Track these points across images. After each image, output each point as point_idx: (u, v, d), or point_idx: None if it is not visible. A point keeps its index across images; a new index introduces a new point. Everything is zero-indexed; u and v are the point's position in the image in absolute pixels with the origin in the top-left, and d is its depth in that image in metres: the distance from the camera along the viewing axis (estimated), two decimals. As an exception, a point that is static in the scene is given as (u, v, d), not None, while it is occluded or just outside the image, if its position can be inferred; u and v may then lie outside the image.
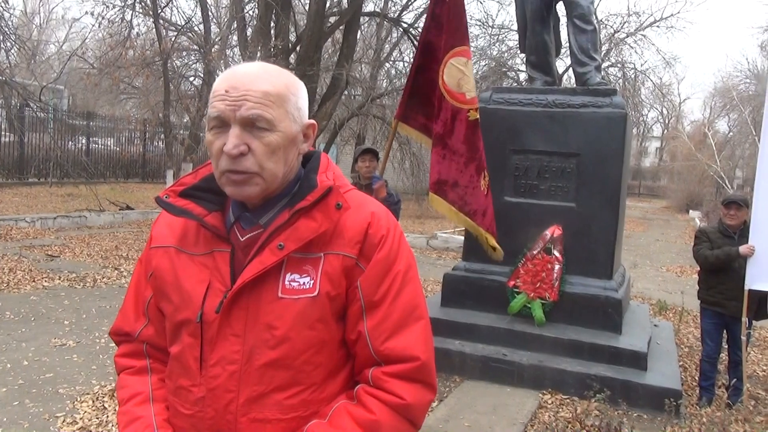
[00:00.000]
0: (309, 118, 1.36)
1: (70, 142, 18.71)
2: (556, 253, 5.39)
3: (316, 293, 1.27)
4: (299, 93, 1.31)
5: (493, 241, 4.94)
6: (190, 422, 1.31)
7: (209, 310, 1.29)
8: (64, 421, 4.03)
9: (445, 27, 4.78)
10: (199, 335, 1.30)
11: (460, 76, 4.74)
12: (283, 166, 1.28)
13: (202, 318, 1.29)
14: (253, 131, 1.23)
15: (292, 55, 13.74)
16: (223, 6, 17.83)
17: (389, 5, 17.43)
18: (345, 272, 1.29)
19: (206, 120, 1.29)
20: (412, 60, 16.91)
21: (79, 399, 4.38)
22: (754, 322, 5.24)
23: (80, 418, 4.07)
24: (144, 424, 1.34)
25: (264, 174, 1.25)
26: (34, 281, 7.65)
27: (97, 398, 4.40)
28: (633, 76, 22.99)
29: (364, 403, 1.28)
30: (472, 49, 6.42)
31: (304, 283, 1.27)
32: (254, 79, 1.25)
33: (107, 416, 4.09)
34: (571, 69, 7.81)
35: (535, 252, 5.45)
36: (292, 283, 1.27)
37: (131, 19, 13.16)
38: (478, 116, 4.79)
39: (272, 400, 1.27)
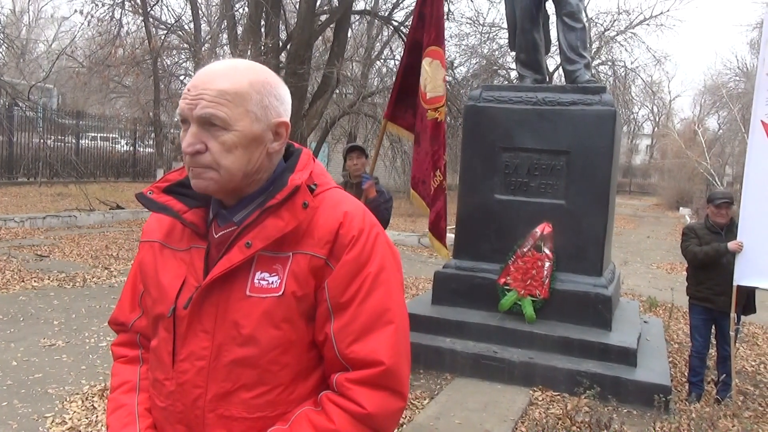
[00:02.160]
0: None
1: (60, 142, 18.55)
2: (546, 251, 5.40)
3: (281, 293, 1.26)
4: (266, 91, 1.28)
5: (434, 242, 5.10)
6: (163, 415, 1.34)
7: (181, 305, 1.30)
8: (53, 421, 4.01)
9: (425, 27, 4.90)
10: (172, 330, 1.31)
11: (426, 76, 4.89)
12: (244, 164, 1.27)
13: (175, 313, 1.31)
14: (210, 130, 1.24)
15: (282, 54, 13.71)
16: (213, 4, 17.79)
17: (380, 3, 17.43)
18: (313, 272, 1.27)
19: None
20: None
21: (68, 399, 4.36)
22: (742, 317, 5.28)
23: (69, 419, 4.05)
24: (127, 412, 1.39)
25: (220, 171, 1.25)
26: (23, 281, 7.61)
27: (86, 398, 4.38)
28: (623, 74, 23.05)
29: (326, 411, 1.26)
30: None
31: (272, 282, 1.26)
32: (213, 78, 1.25)
33: (96, 416, 4.07)
34: (561, 67, 7.84)
35: (525, 249, 5.46)
36: (261, 281, 1.27)
37: (121, 18, 13.10)
38: (437, 116, 4.92)
39: (238, 398, 1.27)
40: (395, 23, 16.23)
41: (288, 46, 13.77)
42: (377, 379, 1.26)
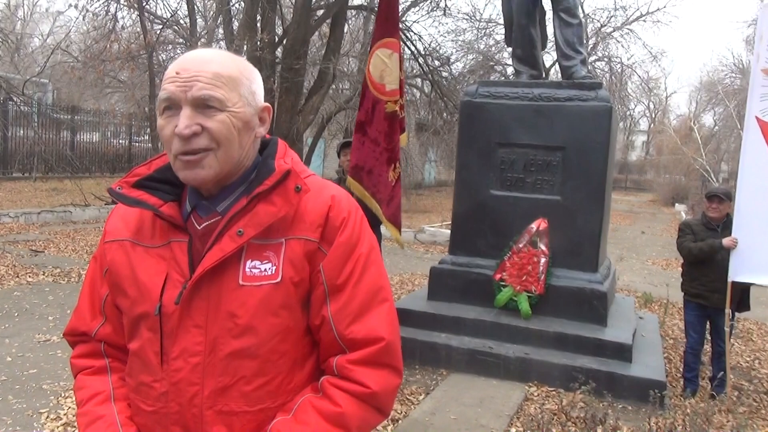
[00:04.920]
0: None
1: (54, 136, 18.45)
2: (542, 246, 5.40)
3: (279, 279, 1.24)
4: (252, 77, 1.30)
5: (394, 232, 5.10)
6: (154, 419, 1.29)
7: (168, 302, 1.25)
8: (47, 417, 4.00)
9: (378, 17, 4.89)
10: (159, 329, 1.27)
11: (383, 67, 4.87)
12: (237, 148, 1.25)
13: (161, 311, 1.26)
14: (205, 111, 1.21)
15: (278, 49, 13.66)
16: (209, -1, 17.68)
17: (376, -2, 17.36)
18: (307, 257, 1.27)
19: (157, 105, 1.26)
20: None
21: (63, 395, 4.35)
22: (736, 314, 5.29)
23: (64, 414, 4.04)
24: (107, 423, 1.31)
25: (217, 154, 1.23)
26: (17, 276, 7.59)
27: (81, 394, 4.37)
28: (620, 70, 23.01)
29: (329, 395, 1.26)
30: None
31: (265, 269, 1.25)
32: (205, 62, 1.24)
33: (92, 412, 4.06)
34: (557, 63, 7.84)
35: (521, 245, 5.46)
36: (253, 270, 1.24)
37: (116, 12, 13.01)
38: (396, 108, 4.93)
39: (238, 392, 1.25)
40: (392, 18, 16.16)
41: (284, 42, 13.72)
42: (378, 356, 1.27)
